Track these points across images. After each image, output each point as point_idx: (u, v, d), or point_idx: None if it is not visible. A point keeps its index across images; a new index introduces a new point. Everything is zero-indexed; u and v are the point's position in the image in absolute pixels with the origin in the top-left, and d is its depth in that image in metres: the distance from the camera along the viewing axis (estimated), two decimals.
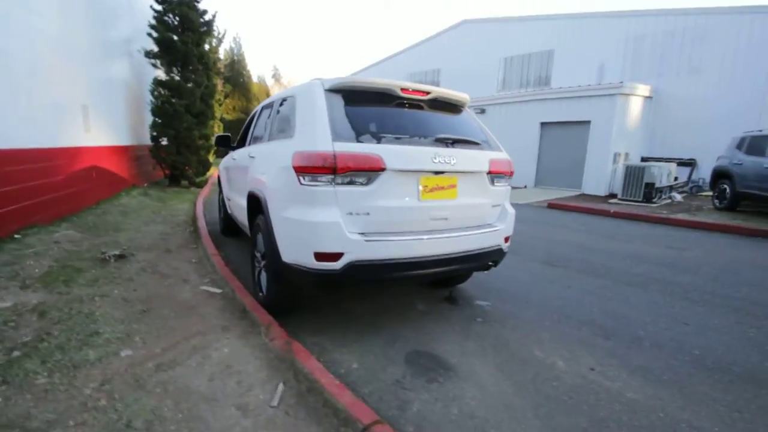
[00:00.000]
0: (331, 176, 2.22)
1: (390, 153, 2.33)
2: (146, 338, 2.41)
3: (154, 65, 8.67)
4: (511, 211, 2.99)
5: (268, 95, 32.61)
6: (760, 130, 8.08)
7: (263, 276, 2.90)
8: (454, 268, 2.66)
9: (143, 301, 2.97)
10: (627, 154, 12.89)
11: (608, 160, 12.38)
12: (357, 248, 2.27)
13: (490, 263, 2.90)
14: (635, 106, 13.03)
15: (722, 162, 8.60)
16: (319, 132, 2.32)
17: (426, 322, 2.98)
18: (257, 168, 2.95)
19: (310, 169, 2.24)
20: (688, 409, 2.05)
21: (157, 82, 8.43)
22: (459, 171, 2.58)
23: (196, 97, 8.78)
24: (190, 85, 8.73)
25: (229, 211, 4.92)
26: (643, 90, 13.12)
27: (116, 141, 7.63)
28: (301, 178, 2.29)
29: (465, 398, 2.07)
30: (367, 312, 3.09)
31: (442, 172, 2.52)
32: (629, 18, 14.68)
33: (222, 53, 20.26)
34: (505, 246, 2.93)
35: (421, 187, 2.47)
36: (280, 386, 1.99)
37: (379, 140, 2.37)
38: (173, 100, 8.38)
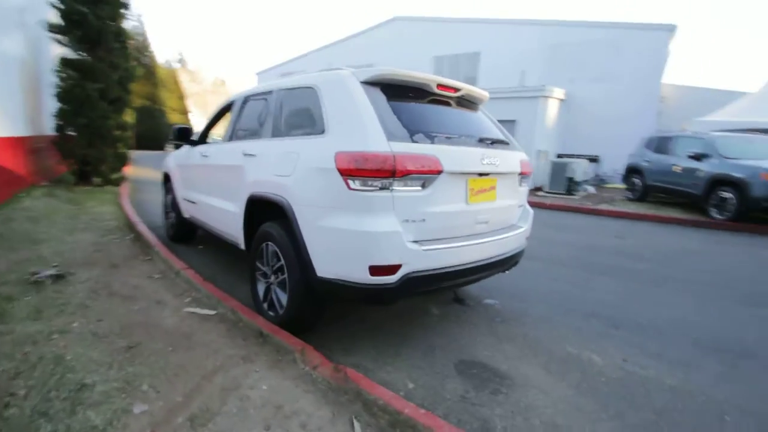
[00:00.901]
0: (389, 180, 1.97)
1: (446, 154, 2.16)
2: (155, 384, 1.91)
3: (60, 42, 7.15)
4: (531, 210, 3.01)
5: (176, 83, 29.42)
6: (664, 133, 9.46)
7: (277, 293, 2.52)
8: (491, 273, 2.59)
9: (121, 334, 2.38)
10: (548, 152, 14.19)
11: (533, 157, 13.51)
12: (415, 259, 2.06)
13: (513, 264, 2.89)
14: (553, 107, 14.38)
15: (634, 159, 9.89)
16: (370, 130, 2.05)
17: (449, 326, 2.87)
18: (268, 168, 2.53)
19: (364, 172, 1.96)
20: (719, 388, 2.23)
21: (65, 62, 6.97)
22: (500, 173, 2.51)
23: (112, 81, 7.47)
24: (104, 66, 7.39)
25: (186, 216, 4.26)
26: (559, 93, 14.52)
27: (9, 131, 6.16)
28: (350, 182, 2.00)
29: (537, 407, 2.01)
30: (384, 320, 2.87)
31: (486, 174, 2.41)
32: (549, 27, 16.10)
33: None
34: (525, 246, 2.95)
35: (468, 190, 2.33)
36: (357, 425, 1.71)
37: (432, 140, 2.17)
38: (85, 84, 7.02)
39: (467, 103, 2.78)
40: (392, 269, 2.01)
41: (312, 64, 23.00)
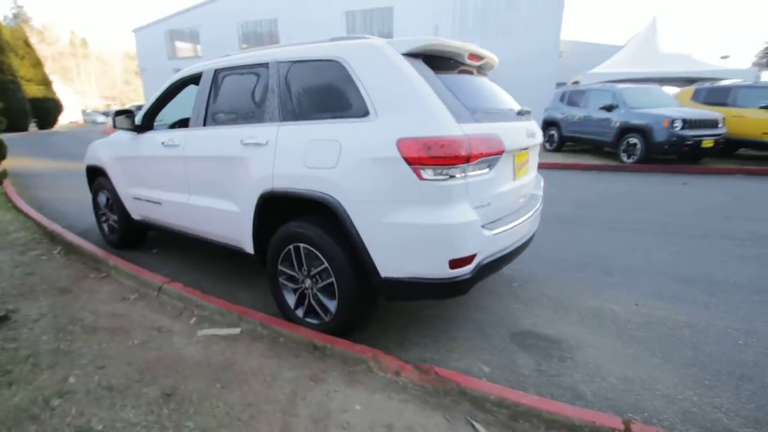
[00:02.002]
0: (464, 166, 1.82)
1: (503, 132, 2.05)
2: None
3: None
4: (541, 177, 3.08)
5: (27, 45, 23.73)
6: (577, 83, 10.40)
7: (320, 299, 2.26)
8: (527, 247, 2.63)
9: (143, 381, 1.94)
10: None
11: None
12: (487, 245, 1.99)
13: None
14: None
15: (549, 113, 10.78)
16: (436, 111, 1.84)
17: (477, 299, 2.91)
18: (292, 160, 2.15)
19: (438, 160, 1.78)
20: (722, 318, 2.64)
21: None
22: (533, 145, 2.49)
23: None
24: None
25: (137, 218, 3.57)
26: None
27: None
28: (422, 171, 1.80)
29: (604, 365, 2.16)
30: (410, 306, 2.80)
31: (526, 148, 2.38)
32: None
33: None
34: None
35: (515, 166, 2.28)
36: (479, 427, 1.65)
37: (490, 118, 2.04)
38: None
39: (483, 71, 2.66)
40: (470, 259, 1.92)
41: (204, 20, 20.30)
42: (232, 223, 2.63)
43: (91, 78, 55.71)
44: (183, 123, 3.77)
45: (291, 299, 2.44)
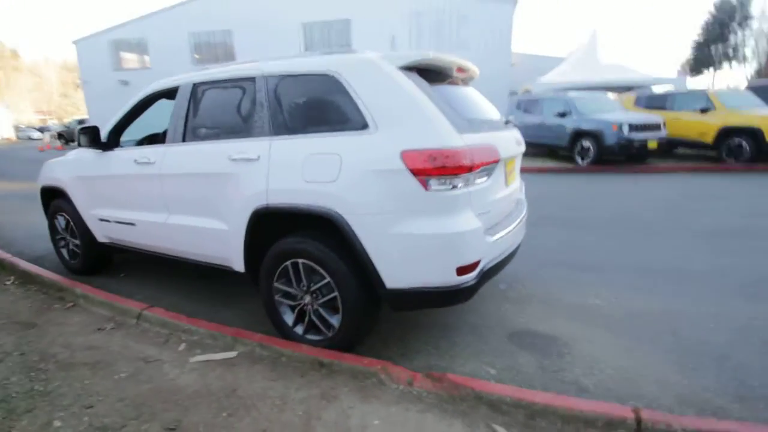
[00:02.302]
0: (467, 175, 1.87)
1: (497, 141, 2.13)
2: None
3: None
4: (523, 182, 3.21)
5: None
6: (528, 92, 10.97)
7: (322, 314, 2.22)
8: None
9: (141, 417, 1.79)
10: None
11: None
12: (488, 251, 2.05)
13: None
14: None
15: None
16: (437, 122, 1.88)
17: (470, 302, 2.94)
18: (289, 174, 2.10)
19: (443, 171, 1.81)
20: (691, 304, 2.86)
21: None
22: (520, 152, 2.60)
23: None
24: None
25: (104, 240, 3.33)
26: None
27: None
28: (429, 182, 1.83)
29: (599, 357, 2.27)
30: (405, 314, 2.81)
31: (515, 156, 2.48)
32: None
33: None
34: None
35: (506, 173, 2.37)
36: (501, 430, 1.68)
37: (484, 128, 2.11)
38: None
39: (466, 82, 2.76)
40: (475, 266, 1.96)
41: (152, 30, 19.46)
42: (219, 242, 2.52)
43: (24, 92, 51.39)
44: (152, 139, 3.59)
45: (288, 317, 2.37)
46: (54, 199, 3.66)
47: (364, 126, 1.98)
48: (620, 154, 8.46)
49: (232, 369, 2.16)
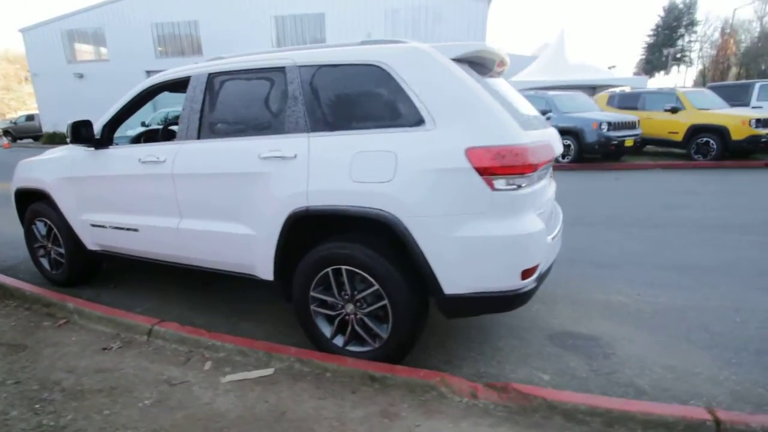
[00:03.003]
0: (532, 174, 1.78)
1: (553, 138, 2.06)
2: None
3: None
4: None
5: None
6: None
7: (367, 324, 2.06)
8: None
9: None
10: None
11: None
12: (547, 254, 1.97)
13: None
14: None
15: None
16: (502, 118, 1.78)
17: None
18: (335, 174, 1.92)
19: (511, 169, 1.72)
20: (710, 299, 2.93)
21: None
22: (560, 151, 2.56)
23: None
24: None
25: (95, 248, 3.01)
26: None
27: None
28: (494, 181, 1.72)
29: (644, 356, 2.26)
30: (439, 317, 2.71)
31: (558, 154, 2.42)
32: None
33: None
34: None
35: (549, 171, 2.31)
36: None
37: (537, 125, 2.03)
38: None
39: (500, 75, 2.67)
40: (535, 269, 1.88)
41: (111, 19, 18.23)
42: (242, 248, 2.31)
43: None
44: (150, 136, 3.28)
45: (326, 328, 2.20)
46: (32, 202, 3.27)
47: (419, 122, 1.85)
48: (599, 152, 8.74)
49: (272, 388, 1.97)
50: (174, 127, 3.20)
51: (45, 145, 18.65)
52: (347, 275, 2.04)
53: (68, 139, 2.67)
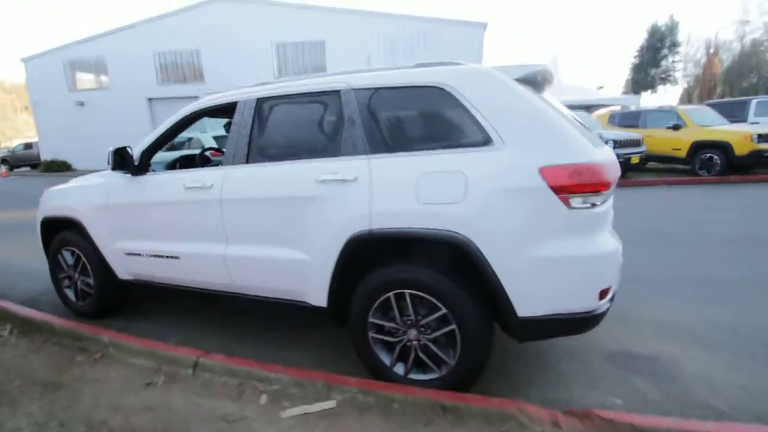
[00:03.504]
0: (605, 192, 1.76)
1: (614, 156, 2.05)
2: None
3: None
4: None
5: None
6: None
7: (433, 350, 1.99)
8: None
9: None
10: None
11: None
12: (618, 273, 1.93)
13: None
14: None
15: None
16: (574, 136, 1.78)
17: None
18: (399, 196, 1.89)
19: (587, 187, 1.70)
20: (757, 313, 2.88)
21: None
22: None
23: None
24: None
25: (129, 278, 2.92)
26: None
27: None
28: (570, 200, 1.70)
29: (711, 376, 2.19)
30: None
31: None
32: (386, 18, 16.96)
33: None
34: None
35: None
36: None
37: (598, 142, 2.02)
38: None
39: None
40: (610, 288, 1.84)
41: (113, 49, 18.47)
42: (294, 273, 2.24)
43: None
44: (186, 162, 3.25)
45: (384, 355, 2.11)
46: (59, 231, 3.19)
47: (486, 141, 1.83)
48: None
49: (338, 422, 1.86)
50: (209, 153, 3.18)
51: (43, 173, 18.53)
52: (411, 299, 1.97)
53: (109, 166, 2.62)
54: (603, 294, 1.79)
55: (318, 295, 2.20)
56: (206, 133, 11.55)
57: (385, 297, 2.02)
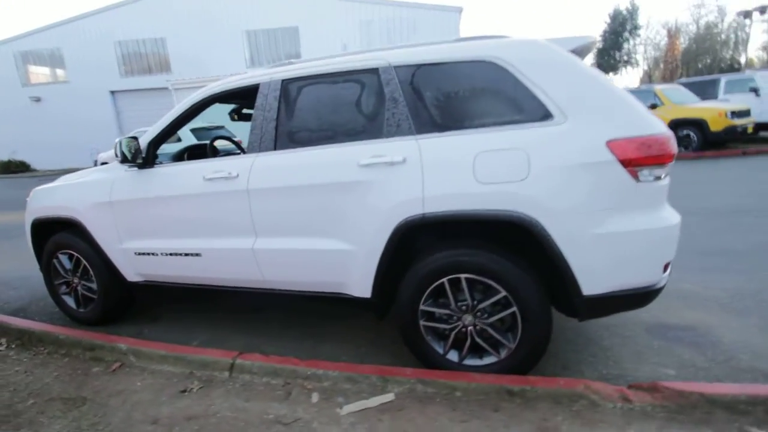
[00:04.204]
0: (669, 164, 1.73)
1: None
2: None
3: None
4: None
5: None
6: None
7: (492, 334, 1.93)
8: None
9: None
10: None
11: None
12: None
13: None
14: None
15: None
16: (638, 108, 1.73)
17: None
18: (454, 177, 1.79)
19: (655, 160, 1.66)
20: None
21: None
22: None
23: None
24: None
25: (137, 279, 2.72)
26: None
27: None
28: (639, 173, 1.66)
29: (748, 341, 2.25)
30: None
31: None
32: (360, 3, 16.58)
33: None
34: None
35: None
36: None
37: None
38: None
39: None
40: (670, 261, 1.83)
41: (70, 40, 17.24)
42: (335, 264, 2.12)
43: None
44: (194, 154, 3.02)
45: (437, 343, 2.04)
46: (52, 234, 2.91)
47: (545, 116, 1.76)
48: None
49: (402, 415, 1.78)
50: (218, 143, 2.97)
51: (1, 176, 17.21)
52: (467, 284, 1.90)
53: (118, 158, 2.39)
54: (666, 267, 1.78)
55: (361, 286, 2.09)
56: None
57: (439, 283, 1.93)
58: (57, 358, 2.53)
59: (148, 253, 2.58)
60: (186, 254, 2.46)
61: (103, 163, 11.95)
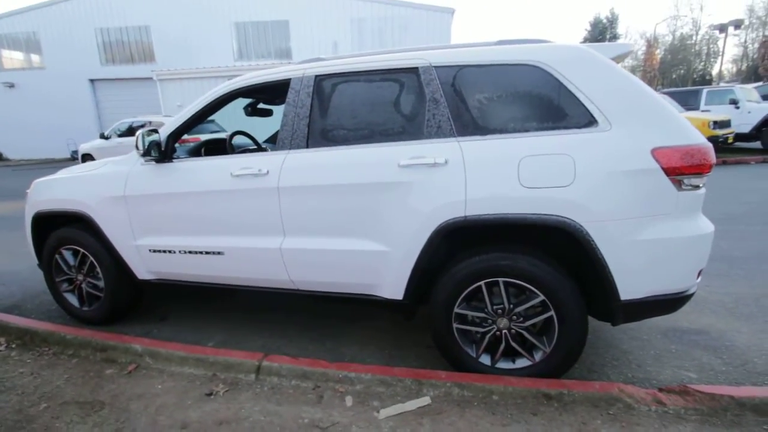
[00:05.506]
0: (708, 174, 1.78)
1: None
2: None
3: None
4: None
5: None
6: None
7: (528, 338, 1.94)
8: None
9: None
10: None
11: None
12: None
13: None
14: None
15: None
16: (678, 117, 1.77)
17: None
18: (497, 179, 1.79)
19: (696, 169, 1.71)
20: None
21: None
22: None
23: None
24: None
25: (147, 277, 2.62)
26: None
27: None
28: (682, 181, 1.70)
29: (761, 344, 2.34)
30: None
31: None
32: (352, 0, 16.45)
33: None
34: None
35: None
36: None
37: None
38: None
39: None
40: (703, 268, 1.89)
41: (47, 24, 16.49)
42: (368, 266, 2.09)
43: None
44: (213, 148, 2.93)
45: (469, 346, 2.04)
46: (56, 228, 2.77)
47: (590, 123, 1.78)
48: None
49: (442, 419, 1.78)
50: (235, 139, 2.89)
51: None
52: (505, 288, 1.91)
53: (141, 150, 2.29)
54: (700, 273, 1.83)
55: (394, 288, 2.07)
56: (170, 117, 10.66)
57: (476, 286, 1.94)
58: (65, 360, 2.41)
59: (165, 251, 2.49)
60: (207, 252, 2.38)
61: (85, 154, 11.47)
